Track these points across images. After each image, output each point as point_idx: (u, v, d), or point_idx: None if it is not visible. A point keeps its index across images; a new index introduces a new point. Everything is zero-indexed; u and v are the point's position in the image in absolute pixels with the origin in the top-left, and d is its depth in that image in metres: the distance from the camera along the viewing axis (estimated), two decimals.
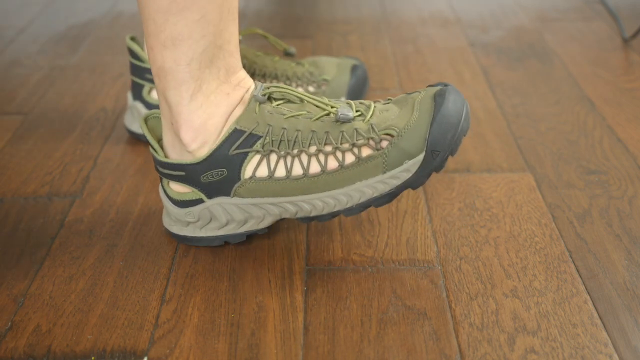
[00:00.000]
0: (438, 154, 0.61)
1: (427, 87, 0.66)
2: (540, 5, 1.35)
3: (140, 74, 0.87)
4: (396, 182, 0.63)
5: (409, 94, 0.66)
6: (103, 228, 0.72)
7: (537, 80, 1.04)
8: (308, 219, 0.66)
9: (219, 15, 0.59)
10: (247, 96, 0.64)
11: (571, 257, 0.67)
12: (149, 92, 0.87)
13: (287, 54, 0.95)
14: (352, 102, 0.66)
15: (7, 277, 0.66)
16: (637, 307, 0.61)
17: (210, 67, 0.61)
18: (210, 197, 0.65)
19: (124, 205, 0.76)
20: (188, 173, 0.64)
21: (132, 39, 0.87)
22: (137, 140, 0.89)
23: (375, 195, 0.63)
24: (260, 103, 0.64)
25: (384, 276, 0.65)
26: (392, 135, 0.62)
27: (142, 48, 0.87)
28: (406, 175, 0.62)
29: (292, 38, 1.22)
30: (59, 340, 0.59)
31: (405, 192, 0.77)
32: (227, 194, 0.65)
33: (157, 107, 0.87)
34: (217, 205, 0.66)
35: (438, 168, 0.62)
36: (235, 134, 0.63)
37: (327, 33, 1.25)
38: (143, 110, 0.87)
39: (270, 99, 0.65)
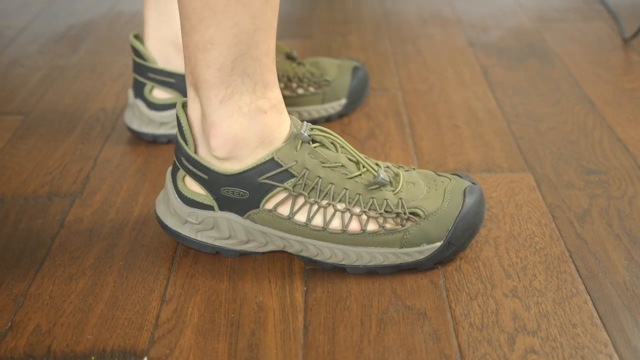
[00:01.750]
0: (453, 247, 0.64)
1: (454, 174, 0.69)
2: (540, 5, 1.35)
3: (143, 73, 0.86)
4: (407, 259, 0.64)
5: (437, 174, 0.68)
6: (103, 228, 0.72)
7: (537, 80, 1.04)
8: (309, 260, 0.66)
9: (252, 26, 0.58)
10: (286, 127, 0.63)
11: (571, 257, 0.67)
12: (151, 90, 0.87)
13: (289, 58, 0.94)
14: (381, 163, 0.66)
15: (7, 277, 0.66)
16: (637, 307, 0.61)
17: (243, 77, 0.60)
18: (222, 209, 0.65)
19: (124, 205, 0.76)
20: (211, 179, 0.64)
21: (136, 36, 0.87)
22: (137, 140, 0.89)
23: (385, 263, 0.64)
24: (302, 142, 0.63)
25: (384, 276, 0.65)
26: (418, 216, 0.64)
27: (145, 46, 0.86)
28: (418, 256, 0.64)
29: (292, 38, 1.22)
30: (59, 340, 0.59)
31: None
32: (240, 213, 0.65)
33: (158, 105, 0.87)
34: (225, 219, 0.65)
35: (446, 259, 0.65)
36: (270, 163, 0.62)
37: (327, 33, 1.25)
38: (144, 108, 0.87)
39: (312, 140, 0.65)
